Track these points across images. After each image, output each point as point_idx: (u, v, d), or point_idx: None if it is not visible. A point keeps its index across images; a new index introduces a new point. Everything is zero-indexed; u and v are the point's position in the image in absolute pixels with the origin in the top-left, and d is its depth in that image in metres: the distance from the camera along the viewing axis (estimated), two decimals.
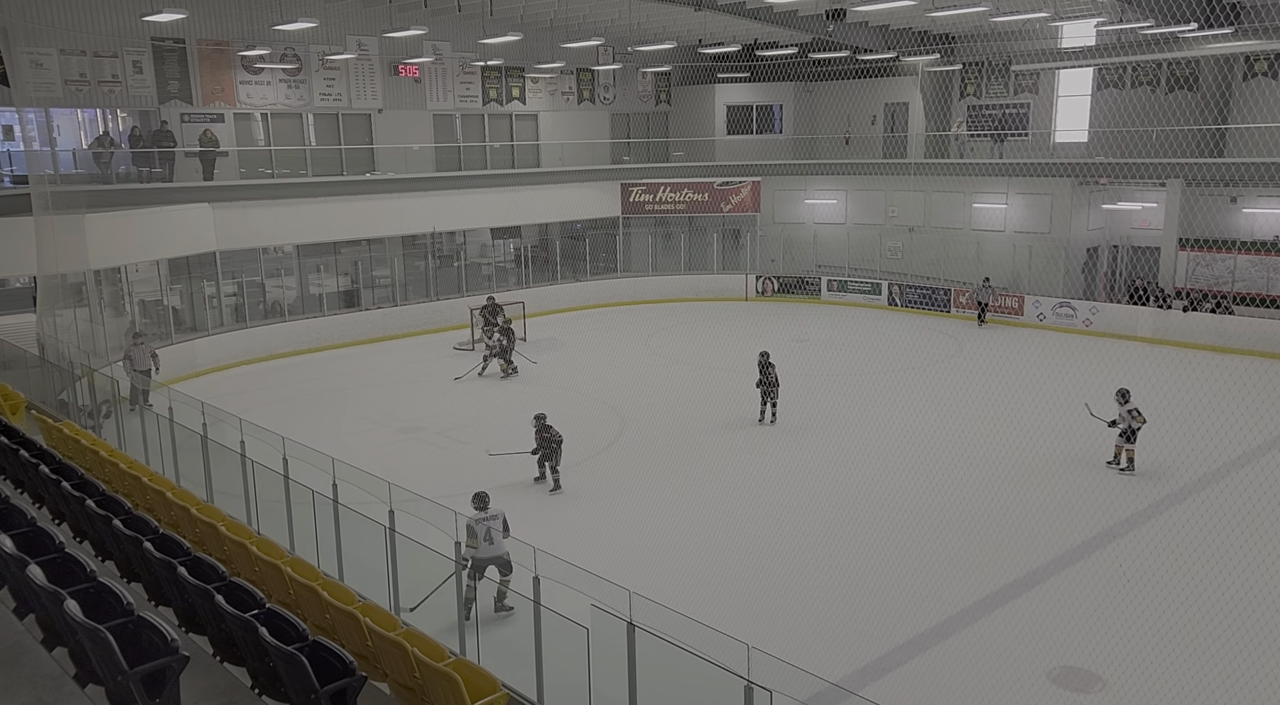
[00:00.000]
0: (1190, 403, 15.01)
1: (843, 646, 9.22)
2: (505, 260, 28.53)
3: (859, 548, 11.58)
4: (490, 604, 9.42)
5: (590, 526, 12.40)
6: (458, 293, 25.99)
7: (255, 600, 5.97)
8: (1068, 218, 24.86)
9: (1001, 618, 9.93)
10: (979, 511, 12.47)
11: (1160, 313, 22.54)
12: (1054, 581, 10.67)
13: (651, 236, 29.83)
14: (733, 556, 11.44)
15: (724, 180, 29.50)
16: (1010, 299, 24.90)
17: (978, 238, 26.27)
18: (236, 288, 22.72)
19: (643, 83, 31.28)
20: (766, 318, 26.29)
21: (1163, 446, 14.33)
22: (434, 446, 16.04)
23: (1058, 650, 9.14)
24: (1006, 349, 21.91)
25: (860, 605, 10.14)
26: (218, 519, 8.08)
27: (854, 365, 20.89)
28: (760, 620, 9.58)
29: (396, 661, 5.74)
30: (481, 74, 27.30)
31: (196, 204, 21.26)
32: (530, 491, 13.78)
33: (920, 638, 9.48)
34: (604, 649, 6.72)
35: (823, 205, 29.64)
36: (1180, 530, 11.89)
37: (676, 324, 25.15)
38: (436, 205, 25.44)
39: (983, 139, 27.15)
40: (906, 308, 26.80)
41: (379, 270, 25.46)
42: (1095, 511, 12.43)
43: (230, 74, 22.92)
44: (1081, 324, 23.62)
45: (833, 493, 13.38)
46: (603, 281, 28.92)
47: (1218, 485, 13.29)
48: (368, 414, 17.77)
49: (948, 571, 10.83)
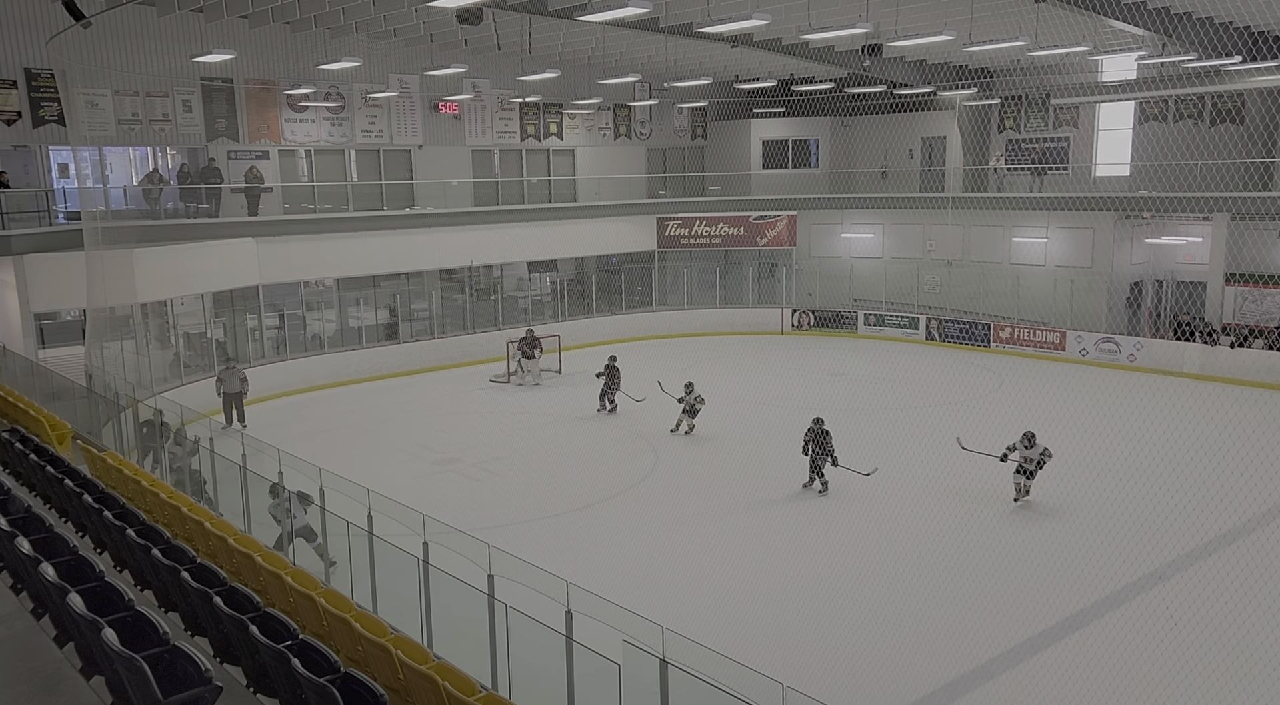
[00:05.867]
0: (1244, 439, 14.58)
1: (879, 689, 9.01)
2: (541, 293, 28.74)
3: (898, 588, 11.36)
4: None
5: (624, 561, 12.30)
6: (494, 326, 26.19)
7: (289, 631, 5.97)
8: (1110, 252, 24.51)
9: (1043, 661, 9.65)
10: (1022, 551, 12.18)
11: (1207, 348, 22.05)
12: (1099, 624, 10.37)
13: (687, 270, 29.89)
14: (769, 594, 11.27)
15: (759, 214, 29.55)
16: (1052, 334, 24.53)
17: (1017, 272, 25.97)
18: (278, 320, 23.10)
19: (679, 118, 31.54)
20: (803, 352, 26.13)
21: (1214, 484, 13.95)
22: (470, 479, 16.08)
23: (1099, 697, 8.84)
24: (1049, 385, 21.55)
25: (898, 647, 9.91)
26: (254, 549, 8.13)
27: (893, 400, 20.65)
28: (795, 660, 9.40)
29: (427, 695, 5.70)
30: (520, 110, 27.71)
31: (241, 238, 21.71)
32: (553, 525, 13.72)
33: (959, 681, 9.24)
34: (636, 685, 6.63)
35: (859, 239, 29.54)
36: (1231, 573, 11.52)
37: (712, 357, 25.08)
38: (474, 239, 25.74)
39: (1021, 173, 26.95)
40: (945, 342, 26.51)
41: (417, 303, 25.75)
42: (1140, 552, 12.09)
43: (276, 112, 23.50)
44: (1125, 360, 23.19)
45: (872, 531, 13.17)
46: (638, 315, 28.99)
47: (1271, 526, 12.87)
48: (404, 446, 17.88)
49: (988, 614, 10.57)
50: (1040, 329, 24.76)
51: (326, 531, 10.67)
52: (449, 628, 8.97)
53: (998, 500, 14.03)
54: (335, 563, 10.77)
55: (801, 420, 17.26)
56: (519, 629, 9.20)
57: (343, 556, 10.23)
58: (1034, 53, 18.54)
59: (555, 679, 7.31)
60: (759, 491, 14.99)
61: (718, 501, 14.56)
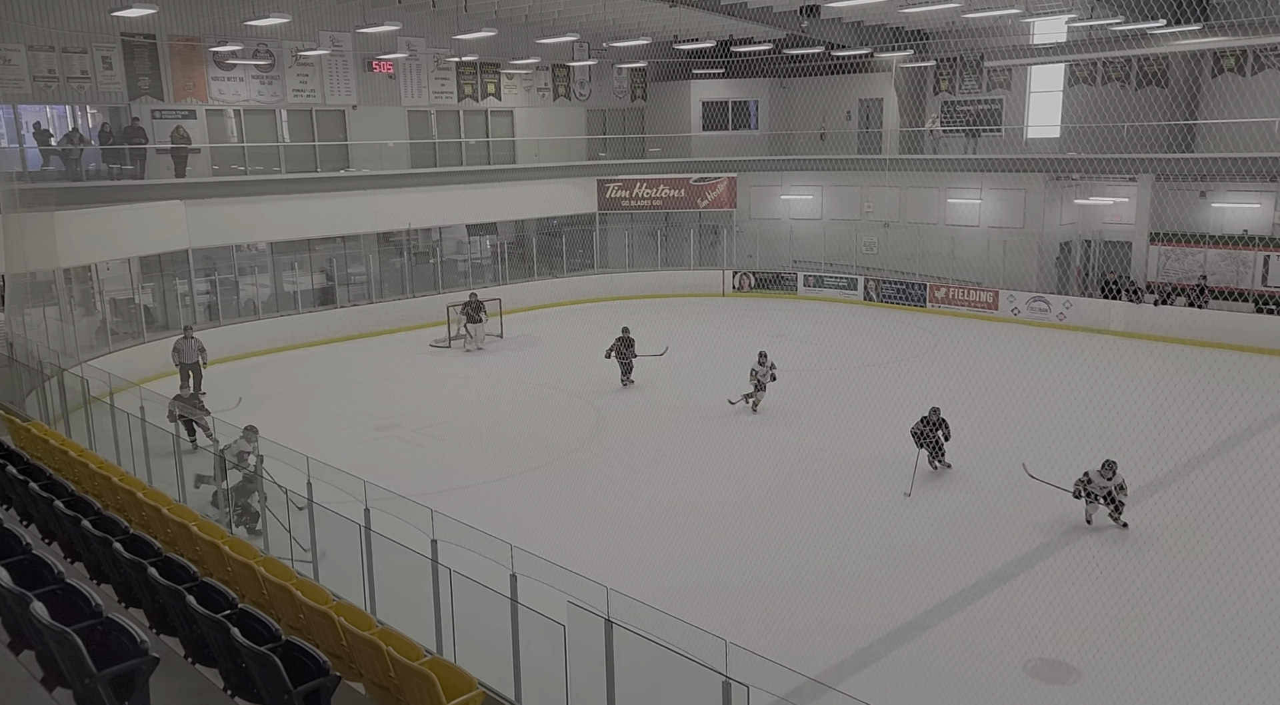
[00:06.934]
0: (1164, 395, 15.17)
1: (822, 641, 9.25)
2: (482, 257, 28.42)
3: (838, 542, 11.63)
4: None
5: (567, 523, 12.37)
6: (434, 290, 25.87)
7: (228, 600, 5.91)
8: (1041, 213, 25.07)
9: (979, 611, 10.01)
10: (956, 505, 12.55)
11: (1132, 306, 22.79)
12: (1029, 575, 10.77)
13: (629, 233, 29.80)
14: (712, 552, 11.46)
15: (700, 176, 29.53)
16: (985, 294, 25.09)
17: (952, 233, 26.44)
18: (210, 286, 22.50)
19: (618, 79, 31.23)
20: (744, 313, 26.34)
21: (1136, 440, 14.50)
22: (412, 444, 15.96)
23: (1034, 643, 9.22)
24: (982, 344, 22.08)
25: (840, 600, 10.18)
26: (190, 519, 7.99)
27: (832, 360, 20.97)
28: (740, 616, 9.60)
29: (371, 661, 5.70)
30: (456, 70, 27.15)
31: (168, 201, 20.99)
32: (497, 489, 13.73)
33: (899, 631, 9.54)
34: (582, 645, 6.70)
35: (799, 201, 29.74)
36: (1152, 523, 12.04)
37: (654, 320, 25.10)
38: (412, 202, 25.29)
39: (957, 134, 27.34)
40: (883, 302, 26.95)
41: (354, 267, 25.28)
42: (1068, 505, 12.55)
43: (202, 70, 22.65)
44: (1055, 318, 23.85)
45: (812, 487, 13.44)
46: (579, 278, 28.87)
47: (1190, 477, 13.45)
48: (344, 412, 17.65)
49: (925, 565, 10.90)
50: (974, 289, 25.30)
51: (265, 502, 10.51)
52: (393, 594, 8.94)
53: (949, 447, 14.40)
54: (260, 519, 10.57)
55: (742, 382, 17.45)
56: (464, 593, 9.21)
57: (282, 525, 10.11)
58: (968, 14, 18.77)
59: (501, 641, 7.35)
60: (704, 452, 15.16)
61: (662, 463, 14.69)
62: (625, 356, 18.92)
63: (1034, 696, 8.45)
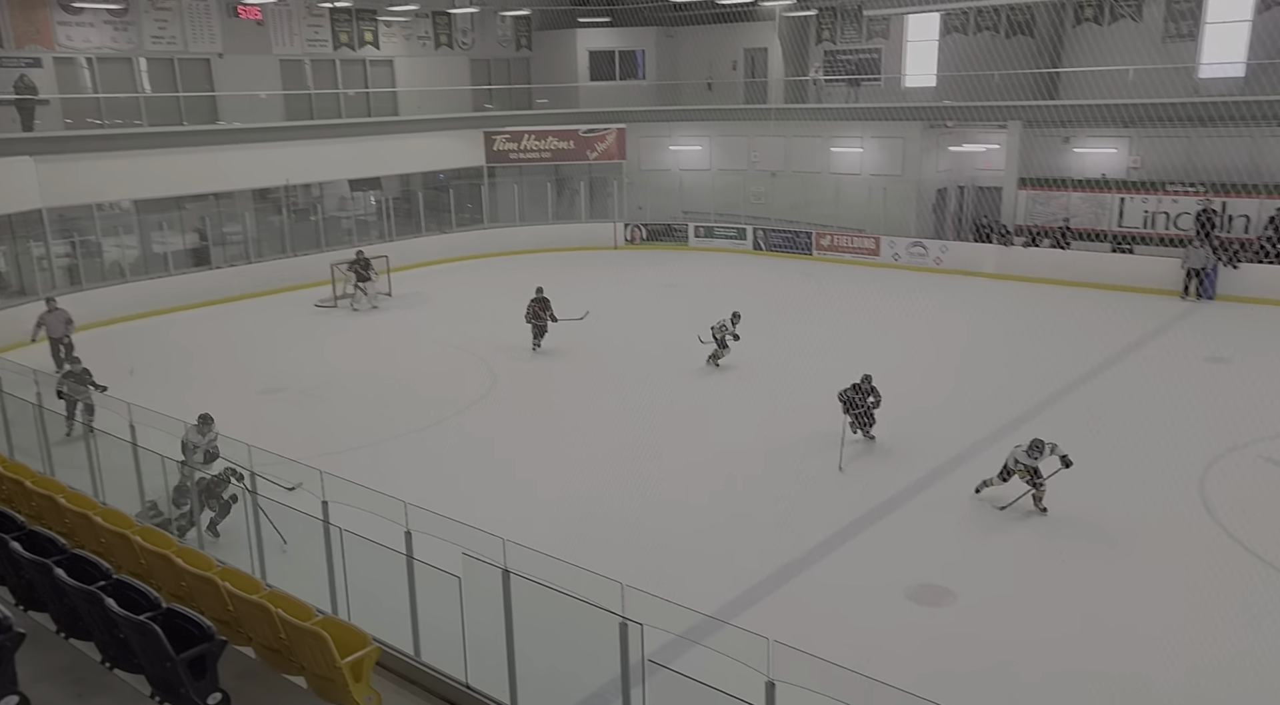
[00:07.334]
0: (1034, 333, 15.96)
1: (715, 580, 9.51)
2: (366, 213, 27.54)
3: (727, 484, 11.93)
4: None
5: (463, 479, 12.29)
6: (316, 248, 24.97)
7: (101, 572, 5.66)
8: (919, 160, 25.84)
9: (862, 542, 10.45)
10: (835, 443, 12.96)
11: (1003, 249, 23.84)
12: (909, 507, 11.28)
13: (518, 186, 29.34)
14: (606, 501, 11.58)
15: (589, 127, 29.22)
16: (867, 240, 25.80)
17: (836, 181, 27.01)
18: (70, 248, 21.13)
19: (502, 27, 30.45)
20: (636, 265, 26.41)
21: (1004, 374, 15.28)
22: (298, 407, 15.49)
23: (913, 570, 9.70)
24: (864, 288, 22.78)
25: (730, 540, 10.46)
26: (57, 491, 7.59)
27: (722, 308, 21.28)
28: (636, 562, 9.74)
29: (260, 624, 5.57)
30: (330, 16, 25.96)
31: (15, 157, 19.52)
32: (391, 448, 13.52)
33: (789, 566, 9.88)
34: (480, 597, 6.71)
35: (687, 152, 29.81)
36: None
37: (545, 274, 24.89)
38: (289, 156, 24.23)
39: (839, 84, 27.79)
40: (771, 251, 27.40)
41: (230, 226, 24.14)
42: (945, 439, 13.16)
43: (46, 13, 21.00)
44: (933, 262, 24.75)
45: (698, 433, 13.69)
46: (469, 233, 28.33)
47: (1056, 407, 14.26)
48: (224, 376, 16.97)
49: (810, 502, 11.28)
50: (857, 236, 25.99)
51: (142, 470, 10.04)
52: (284, 558, 8.75)
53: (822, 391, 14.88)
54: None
55: (637, 332, 17.56)
56: (358, 552, 9.05)
57: (162, 495, 9.71)
58: None
59: (398, 598, 7.29)
60: (595, 403, 15.24)
61: (557, 415, 14.71)
62: (541, 319, 17.78)
63: (914, 618, 8.92)
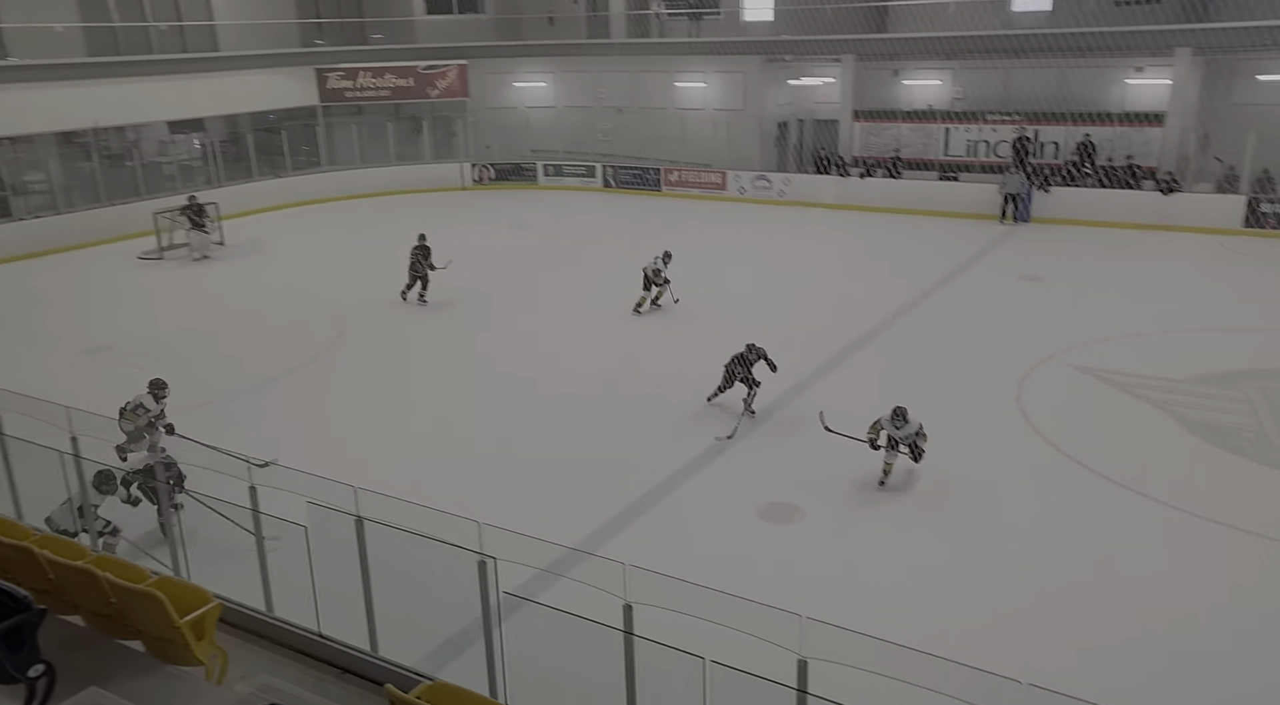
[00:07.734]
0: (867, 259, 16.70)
1: (574, 514, 9.71)
2: (191, 158, 25.81)
3: (582, 419, 12.10)
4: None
5: (312, 430, 11.97)
6: (136, 196, 23.26)
7: None
8: (760, 94, 26.31)
9: (714, 470, 10.86)
10: (691, 375, 13.32)
11: (840, 180, 24.75)
12: (759, 432, 11.78)
13: (357, 126, 28.10)
14: (461, 442, 11.55)
15: (429, 64, 28.20)
16: (714, 175, 26.20)
17: (682, 117, 27.19)
18: None
19: None
20: (485, 206, 25.97)
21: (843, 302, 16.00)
22: (128, 366, 14.55)
23: (764, 491, 10.19)
24: (713, 223, 23.24)
25: (586, 475, 10.67)
26: None
27: (572, 246, 21.28)
28: (496, 501, 9.82)
29: (87, 591, 5.33)
30: None
31: None
32: (233, 405, 13.00)
33: (648, 496, 10.18)
34: (332, 545, 6.64)
35: (532, 89, 29.26)
36: (867, 370, 13.48)
37: (389, 219, 24.17)
38: (96, 96, 22.33)
39: (680, 18, 27.79)
40: (621, 188, 27.45)
41: (32, 174, 22.15)
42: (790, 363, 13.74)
43: None
44: (776, 195, 25.44)
45: (554, 369, 13.79)
46: (306, 177, 27.03)
47: (891, 330, 15.11)
48: (39, 336, 15.75)
49: (665, 434, 11.62)
50: (703, 171, 26.35)
51: None
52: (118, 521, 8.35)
53: (675, 328, 15.20)
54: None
55: (487, 275, 17.35)
56: (200, 512, 8.76)
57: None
58: None
59: (244, 553, 7.11)
60: (443, 349, 15.06)
61: (404, 363, 14.47)
62: (420, 269, 16.85)
63: (765, 535, 9.41)
